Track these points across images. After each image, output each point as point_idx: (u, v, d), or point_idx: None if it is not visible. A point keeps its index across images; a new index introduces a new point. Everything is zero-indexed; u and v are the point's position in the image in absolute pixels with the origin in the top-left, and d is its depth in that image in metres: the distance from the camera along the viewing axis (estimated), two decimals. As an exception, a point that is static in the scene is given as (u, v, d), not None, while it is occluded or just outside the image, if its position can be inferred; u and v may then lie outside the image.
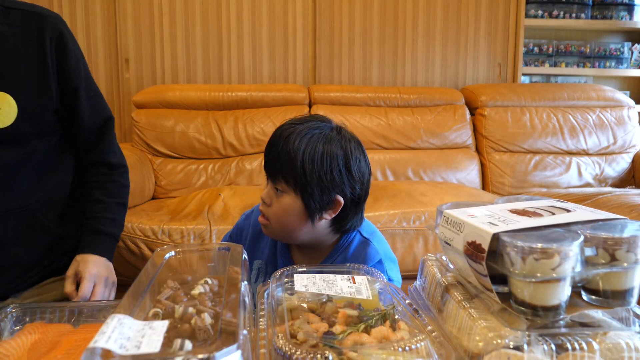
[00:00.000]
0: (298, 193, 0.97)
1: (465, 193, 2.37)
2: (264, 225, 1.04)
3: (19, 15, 1.08)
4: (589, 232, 0.59)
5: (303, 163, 0.95)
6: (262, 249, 1.14)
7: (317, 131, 0.98)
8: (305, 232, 1.01)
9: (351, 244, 1.06)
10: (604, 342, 0.57)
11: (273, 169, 0.99)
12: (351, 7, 3.15)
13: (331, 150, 0.96)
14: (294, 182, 0.96)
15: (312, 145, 0.96)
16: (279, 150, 0.96)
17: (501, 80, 3.33)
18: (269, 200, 1.01)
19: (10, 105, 1.04)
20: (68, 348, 0.65)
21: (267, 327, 0.61)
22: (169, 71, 3.08)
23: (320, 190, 0.96)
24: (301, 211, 0.98)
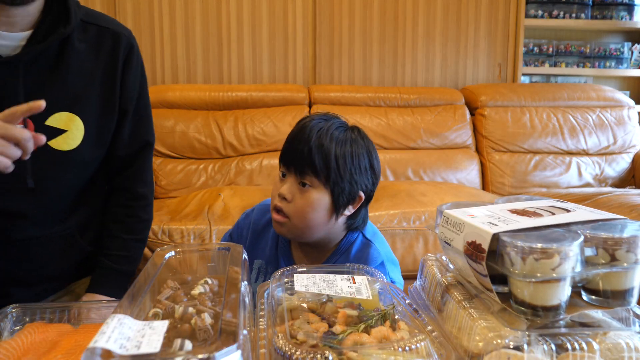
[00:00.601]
0: (328, 188, 0.98)
1: (465, 193, 2.37)
2: (279, 223, 1.01)
3: (94, 31, 1.02)
4: (589, 232, 0.59)
5: (337, 159, 0.97)
6: (262, 248, 1.13)
7: (342, 129, 1.02)
8: (323, 228, 1.02)
9: (353, 245, 1.07)
10: (604, 342, 0.57)
11: (302, 164, 0.98)
12: (351, 7, 3.15)
13: (358, 148, 1.01)
14: (326, 177, 0.97)
15: (342, 142, 0.99)
16: (311, 145, 0.97)
17: (501, 80, 3.33)
18: (291, 195, 0.99)
19: (78, 128, 0.99)
20: (68, 348, 0.65)
21: (267, 327, 0.61)
22: (169, 71, 3.08)
23: (349, 185, 0.99)
24: (328, 206, 0.99)
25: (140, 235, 1.18)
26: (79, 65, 0.99)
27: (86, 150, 1.01)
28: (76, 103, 0.99)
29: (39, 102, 0.80)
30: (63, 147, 0.98)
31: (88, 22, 1.02)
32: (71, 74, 0.98)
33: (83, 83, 1.00)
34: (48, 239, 1.04)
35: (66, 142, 0.98)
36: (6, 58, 0.91)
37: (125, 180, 1.15)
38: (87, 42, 1.01)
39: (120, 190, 1.15)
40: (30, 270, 1.06)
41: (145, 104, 1.15)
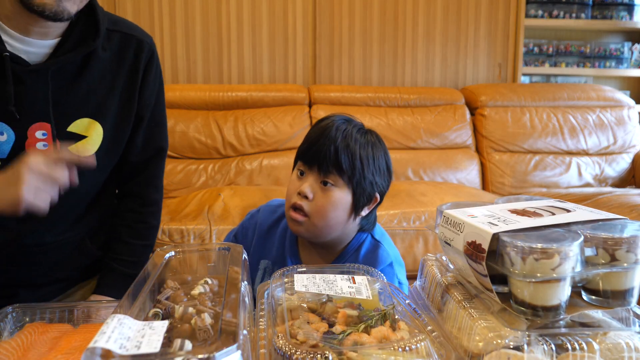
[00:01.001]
0: (351, 188, 0.99)
1: (465, 193, 2.37)
2: (297, 222, 1.00)
3: (118, 38, 1.02)
4: (589, 232, 0.59)
5: (362, 160, 0.99)
6: (269, 249, 1.13)
7: (362, 131, 1.05)
8: (340, 228, 1.03)
9: (362, 246, 1.07)
10: (604, 342, 0.57)
11: (327, 163, 0.98)
12: (351, 7, 3.15)
13: (378, 150, 1.04)
14: (349, 177, 0.98)
15: (364, 144, 1.02)
16: (337, 145, 0.98)
17: (501, 80, 3.33)
18: (312, 194, 0.99)
19: (98, 134, 0.99)
20: (68, 348, 0.65)
21: (267, 327, 0.61)
22: (169, 71, 3.08)
23: (370, 186, 1.01)
24: (348, 206, 1.00)
25: (149, 241, 1.17)
26: (102, 73, 1.00)
27: (102, 156, 1.01)
28: (98, 109, 0.99)
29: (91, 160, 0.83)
30: (82, 153, 0.98)
31: (113, 30, 1.02)
32: (94, 82, 0.99)
33: (105, 90, 1.00)
34: (60, 244, 1.04)
35: (85, 148, 0.98)
36: (36, 65, 0.91)
37: (137, 186, 1.14)
38: (111, 50, 1.01)
39: (132, 196, 1.15)
40: (39, 273, 1.06)
41: (161, 110, 1.16)
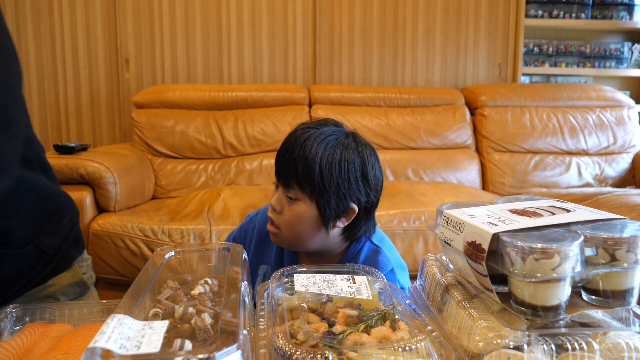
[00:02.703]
0: (314, 201, 0.95)
1: (465, 193, 2.37)
2: (273, 233, 1.00)
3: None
4: (589, 232, 0.59)
5: (321, 170, 0.93)
6: (267, 254, 1.11)
7: (332, 137, 0.96)
8: (317, 240, 0.99)
9: (361, 252, 1.04)
10: (604, 342, 0.57)
11: (287, 176, 0.95)
12: (351, 7, 3.15)
13: (348, 157, 0.95)
14: (310, 189, 0.94)
15: (329, 152, 0.93)
16: (294, 157, 0.93)
17: (501, 80, 3.33)
18: (280, 207, 0.98)
19: None
20: (68, 348, 0.65)
21: (267, 327, 0.61)
22: (169, 71, 3.08)
23: (337, 198, 0.94)
24: (315, 219, 0.96)
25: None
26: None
27: None
28: None
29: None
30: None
31: None
32: None
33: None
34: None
35: None
36: None
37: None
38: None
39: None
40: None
41: None
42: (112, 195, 2.08)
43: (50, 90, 3.03)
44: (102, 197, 2.07)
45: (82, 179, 2.02)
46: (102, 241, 1.99)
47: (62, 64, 3.01)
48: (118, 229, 1.99)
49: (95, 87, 3.05)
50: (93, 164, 2.03)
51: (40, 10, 2.96)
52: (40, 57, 2.99)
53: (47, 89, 3.03)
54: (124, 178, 2.17)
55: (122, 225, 2.00)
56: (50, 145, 3.04)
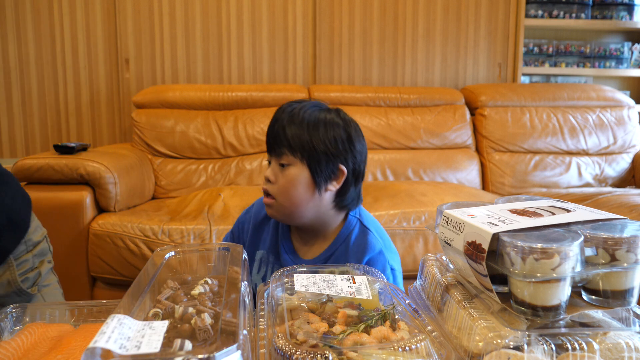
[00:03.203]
0: (305, 162, 1.01)
1: (465, 193, 2.37)
2: (269, 205, 1.05)
3: None
4: (589, 232, 0.59)
5: (309, 131, 1.00)
6: (263, 239, 1.15)
7: (316, 108, 1.05)
8: (311, 206, 1.03)
9: (352, 233, 1.08)
10: (604, 342, 0.57)
11: (278, 144, 1.02)
12: (351, 7, 3.15)
13: (333, 121, 1.03)
14: (300, 151, 1.00)
15: (315, 116, 1.02)
16: (283, 125, 1.01)
17: (501, 80, 3.33)
18: (274, 177, 1.03)
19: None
20: (68, 348, 0.65)
21: (267, 327, 0.61)
22: (169, 71, 3.08)
23: (326, 157, 1.01)
24: (308, 181, 1.02)
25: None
26: None
27: None
28: None
29: None
30: None
31: None
32: None
33: None
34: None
35: None
36: None
37: None
38: None
39: None
40: None
41: None
42: (112, 195, 2.08)
43: (50, 90, 3.03)
44: (102, 197, 2.07)
45: (82, 179, 2.02)
46: (102, 241, 1.99)
47: (62, 64, 3.01)
48: (118, 229, 1.99)
49: (95, 87, 3.05)
50: (93, 164, 2.03)
51: (40, 10, 2.96)
52: (40, 57, 2.99)
53: (47, 89, 3.03)
54: (124, 178, 2.17)
55: (122, 225, 2.00)
56: (50, 145, 3.04)
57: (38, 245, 1.10)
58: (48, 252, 1.14)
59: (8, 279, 1.02)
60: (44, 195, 1.95)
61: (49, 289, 1.11)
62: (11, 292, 1.03)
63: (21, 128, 3.04)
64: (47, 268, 1.12)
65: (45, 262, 1.12)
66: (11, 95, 3.01)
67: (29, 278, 1.06)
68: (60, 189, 1.99)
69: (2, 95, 3.00)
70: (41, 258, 1.11)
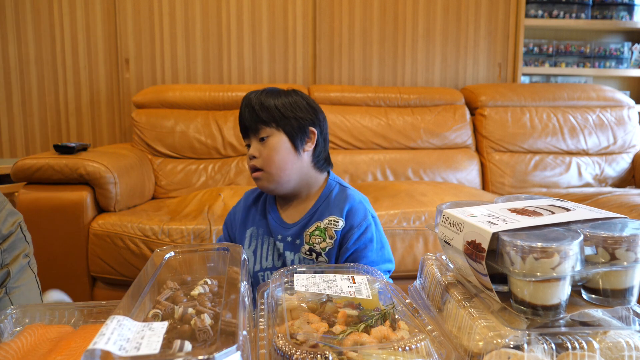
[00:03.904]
0: (280, 129, 1.15)
1: (465, 193, 2.37)
2: (258, 178, 1.17)
3: None
4: (588, 231, 0.59)
5: (276, 103, 1.16)
6: (252, 217, 1.26)
7: (274, 89, 1.21)
8: (295, 168, 1.17)
9: (332, 192, 1.21)
10: (604, 341, 0.57)
11: (253, 122, 1.16)
12: (351, 7, 3.15)
13: (291, 94, 1.21)
14: (273, 120, 1.15)
15: (276, 92, 1.19)
16: (252, 105, 1.16)
17: (501, 80, 3.33)
18: (258, 152, 1.16)
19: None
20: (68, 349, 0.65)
21: (267, 327, 0.60)
22: (169, 71, 3.08)
23: (297, 122, 1.17)
24: (287, 145, 1.16)
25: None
26: None
27: None
28: None
29: None
30: None
31: None
32: None
33: None
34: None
35: None
36: None
37: None
38: None
39: None
40: None
41: None
42: (112, 195, 2.08)
43: (50, 90, 3.03)
44: (102, 197, 2.07)
45: (82, 179, 2.02)
46: (102, 241, 1.98)
47: (62, 64, 3.01)
48: (118, 229, 1.99)
49: (95, 87, 3.05)
50: (93, 164, 2.03)
51: (40, 10, 2.96)
52: (40, 57, 2.99)
53: (47, 89, 3.03)
54: (124, 178, 2.17)
55: (122, 225, 1.99)
56: (50, 145, 3.04)
57: (9, 238, 0.89)
58: (24, 243, 0.92)
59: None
60: (43, 196, 1.95)
61: (21, 290, 0.90)
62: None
63: (21, 128, 3.04)
64: (21, 265, 0.91)
65: (20, 258, 0.91)
66: (11, 95, 3.01)
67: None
68: (60, 189, 1.99)
69: (2, 95, 3.00)
70: (13, 253, 0.89)
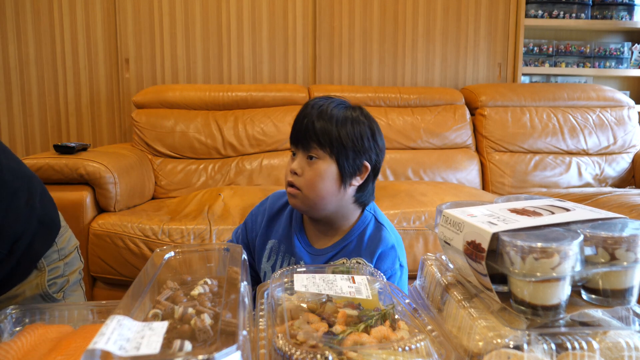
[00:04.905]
0: (333, 157, 1.05)
1: (465, 193, 2.37)
2: (293, 195, 1.07)
3: None
4: (588, 231, 0.59)
5: (338, 128, 1.04)
6: (276, 229, 1.18)
7: (342, 105, 1.09)
8: (334, 199, 1.07)
9: (367, 228, 1.12)
10: (603, 341, 0.57)
11: (307, 137, 1.05)
12: (351, 7, 3.15)
13: (359, 120, 1.08)
14: (329, 146, 1.04)
15: (343, 114, 1.07)
16: (313, 120, 1.05)
17: (501, 80, 3.33)
18: (301, 170, 1.06)
19: None
20: (68, 349, 0.65)
21: (267, 327, 0.60)
22: (169, 71, 3.08)
23: (353, 153, 1.05)
24: (335, 175, 1.06)
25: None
26: None
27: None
28: None
29: None
30: None
31: None
32: None
33: None
34: None
35: None
36: None
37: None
38: None
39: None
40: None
41: None
42: (112, 195, 2.08)
43: (50, 90, 3.03)
44: (102, 197, 2.07)
45: (82, 179, 2.02)
46: (102, 241, 1.99)
47: (62, 64, 3.01)
48: (118, 229, 1.99)
49: (95, 87, 3.05)
50: (93, 164, 2.03)
51: (40, 10, 2.96)
52: (40, 57, 2.99)
53: (47, 89, 3.03)
54: (124, 178, 2.17)
55: (122, 225, 2.00)
56: (50, 145, 3.04)
57: (70, 255, 1.12)
58: (79, 262, 1.15)
59: (37, 282, 1.03)
60: (44, 196, 1.95)
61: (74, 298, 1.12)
62: (37, 294, 1.04)
63: (21, 128, 3.04)
64: (76, 279, 1.14)
65: (76, 273, 1.14)
66: (11, 95, 3.01)
67: (57, 283, 1.07)
68: (60, 189, 1.99)
69: (2, 95, 3.00)
70: (72, 268, 1.12)
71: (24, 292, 1.02)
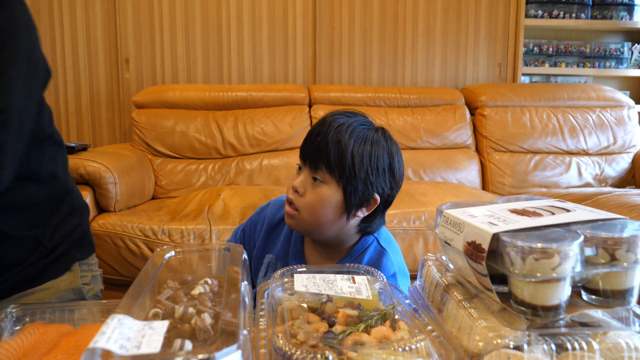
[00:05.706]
0: (341, 185, 0.95)
1: (465, 193, 2.37)
2: (291, 216, 0.99)
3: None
4: (588, 232, 0.59)
5: (353, 156, 0.93)
6: (274, 243, 1.11)
7: (364, 127, 0.97)
8: (335, 227, 0.98)
9: (367, 250, 1.04)
10: (604, 342, 0.57)
11: (317, 157, 0.95)
12: (351, 7, 3.15)
13: (378, 149, 0.96)
14: (339, 173, 0.94)
15: (361, 140, 0.95)
16: (327, 140, 0.94)
17: (501, 80, 3.33)
18: (303, 189, 0.97)
19: None
20: (68, 348, 0.65)
21: (267, 327, 0.61)
22: (169, 71, 3.08)
23: (364, 185, 0.95)
24: (339, 204, 0.96)
25: None
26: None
27: None
28: None
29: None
30: None
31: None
32: None
33: None
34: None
35: None
36: None
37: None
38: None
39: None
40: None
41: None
42: (112, 195, 2.08)
43: (50, 90, 3.03)
44: (102, 197, 2.07)
45: (82, 179, 2.02)
46: (102, 241, 1.99)
47: (62, 64, 3.01)
48: (118, 229, 1.99)
49: (95, 87, 3.05)
50: (93, 164, 2.03)
51: (40, 10, 2.96)
52: (40, 57, 2.99)
53: (47, 89, 3.02)
54: (124, 178, 2.17)
55: (122, 225, 2.00)
56: (50, 145, 3.04)
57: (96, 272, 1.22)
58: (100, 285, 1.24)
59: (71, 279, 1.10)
60: (44, 196, 1.95)
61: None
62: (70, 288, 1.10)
63: (21, 128, 3.04)
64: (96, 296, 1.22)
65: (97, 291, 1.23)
66: (11, 95, 3.00)
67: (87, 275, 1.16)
68: (60, 189, 1.99)
69: (2, 96, 3.00)
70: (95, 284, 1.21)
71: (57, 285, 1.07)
